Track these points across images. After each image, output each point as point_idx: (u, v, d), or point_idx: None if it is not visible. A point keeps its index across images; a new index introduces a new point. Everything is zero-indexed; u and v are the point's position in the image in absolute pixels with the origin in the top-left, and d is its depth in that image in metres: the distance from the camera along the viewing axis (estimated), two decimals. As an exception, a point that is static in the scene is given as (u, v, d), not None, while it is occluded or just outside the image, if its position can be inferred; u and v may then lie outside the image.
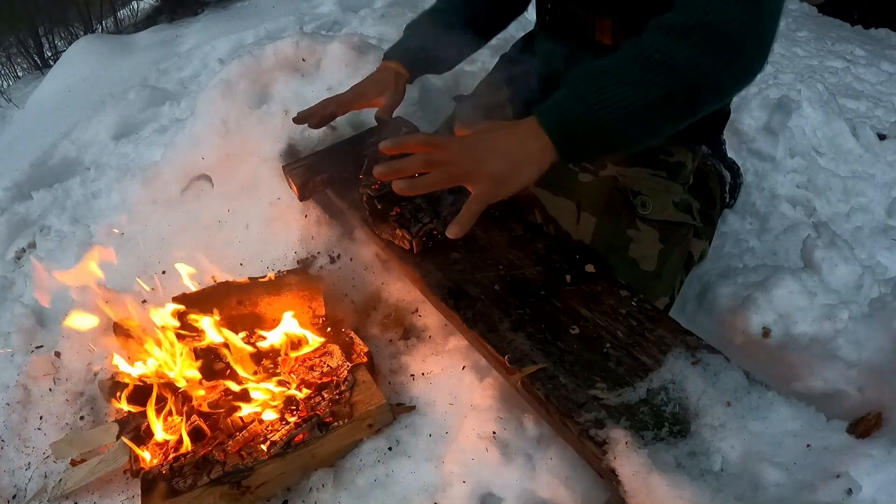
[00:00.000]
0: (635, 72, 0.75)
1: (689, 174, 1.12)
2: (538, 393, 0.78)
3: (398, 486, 0.90)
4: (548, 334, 0.85)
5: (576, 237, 1.02)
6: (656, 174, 1.06)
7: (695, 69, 0.75)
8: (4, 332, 1.34)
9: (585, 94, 0.76)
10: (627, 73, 0.76)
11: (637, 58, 0.76)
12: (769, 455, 0.66)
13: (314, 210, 1.35)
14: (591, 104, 0.75)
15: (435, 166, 0.77)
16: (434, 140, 0.79)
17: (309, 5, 3.39)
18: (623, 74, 0.76)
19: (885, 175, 1.79)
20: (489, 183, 0.77)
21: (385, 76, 1.15)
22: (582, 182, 1.05)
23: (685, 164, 1.09)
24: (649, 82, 0.75)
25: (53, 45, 5.32)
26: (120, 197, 1.67)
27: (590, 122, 0.75)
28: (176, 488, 0.88)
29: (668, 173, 1.07)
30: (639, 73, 0.75)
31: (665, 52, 0.75)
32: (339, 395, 0.98)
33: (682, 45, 0.75)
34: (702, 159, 1.28)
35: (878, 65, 3.06)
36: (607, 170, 1.04)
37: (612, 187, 1.03)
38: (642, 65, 0.75)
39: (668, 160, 1.07)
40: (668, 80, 0.75)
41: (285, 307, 1.13)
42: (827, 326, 0.90)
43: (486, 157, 0.77)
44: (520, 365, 0.81)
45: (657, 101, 0.75)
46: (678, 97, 0.76)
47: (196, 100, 1.71)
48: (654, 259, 1.02)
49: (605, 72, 0.77)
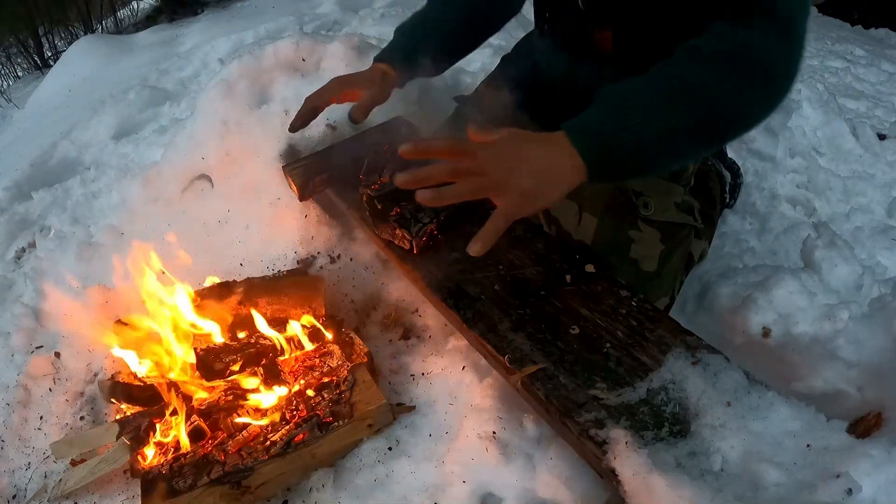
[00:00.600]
0: (673, 99, 0.74)
1: (691, 176, 1.12)
2: (538, 393, 0.78)
3: (398, 486, 0.90)
4: (548, 334, 0.85)
5: (577, 237, 1.02)
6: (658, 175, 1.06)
7: (731, 100, 0.74)
8: (4, 332, 1.34)
9: (622, 117, 0.73)
10: (665, 101, 0.74)
11: (672, 84, 0.75)
12: (769, 455, 0.66)
13: (314, 210, 1.35)
14: (628, 127, 0.72)
15: (462, 175, 0.72)
16: (461, 146, 0.74)
17: (309, 5, 3.39)
18: (661, 101, 0.74)
19: (885, 175, 1.80)
20: (518, 197, 0.72)
21: (372, 73, 1.11)
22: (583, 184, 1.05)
23: (686, 166, 1.09)
24: (685, 112, 0.73)
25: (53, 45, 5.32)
26: (120, 197, 1.67)
27: (626, 145, 0.73)
28: (176, 488, 0.88)
29: (669, 175, 1.07)
30: (676, 100, 0.73)
31: (700, 82, 0.73)
32: (339, 395, 0.98)
33: (717, 75, 0.73)
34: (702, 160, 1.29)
35: (878, 65, 3.06)
36: None
37: (613, 188, 1.03)
38: (678, 92, 0.74)
39: None
40: (704, 110, 0.73)
41: (286, 307, 1.13)
42: (827, 326, 0.90)
43: (516, 168, 0.72)
44: (520, 365, 0.81)
45: (692, 128, 0.74)
46: (711, 126, 0.75)
47: (196, 100, 1.71)
48: (654, 259, 1.02)
49: (641, 94, 0.75)
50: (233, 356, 1.04)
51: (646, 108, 0.74)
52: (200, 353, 1.03)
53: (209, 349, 1.04)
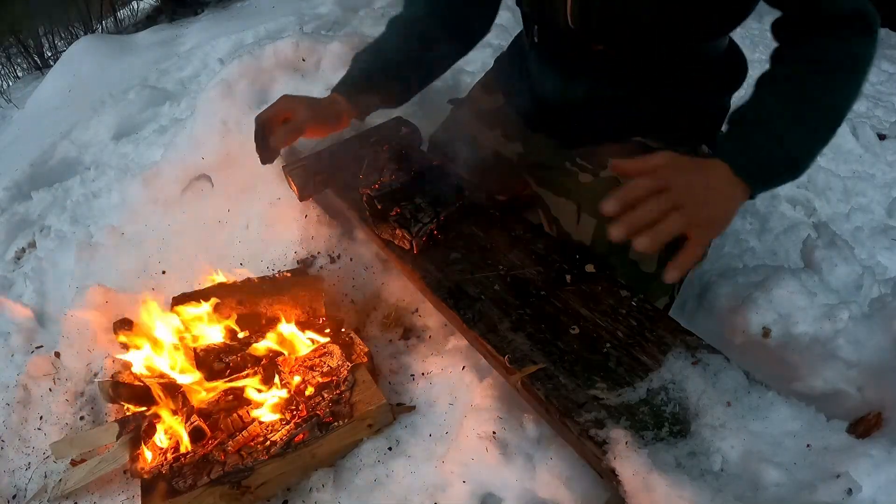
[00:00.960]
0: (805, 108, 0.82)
1: None
2: (538, 393, 0.78)
3: (398, 486, 0.90)
4: (548, 334, 0.85)
5: (576, 238, 1.02)
6: None
7: (843, 99, 0.83)
8: (4, 332, 1.34)
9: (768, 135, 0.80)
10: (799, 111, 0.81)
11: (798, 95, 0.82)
12: (769, 455, 0.66)
13: (314, 210, 1.35)
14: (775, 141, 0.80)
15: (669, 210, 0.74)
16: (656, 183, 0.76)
17: (309, 5, 3.39)
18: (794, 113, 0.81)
19: (885, 175, 1.80)
20: (710, 228, 0.78)
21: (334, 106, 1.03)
22: (582, 183, 1.05)
23: None
24: (816, 117, 0.82)
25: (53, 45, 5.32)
26: (120, 197, 1.67)
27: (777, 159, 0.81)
28: (176, 488, 0.89)
29: None
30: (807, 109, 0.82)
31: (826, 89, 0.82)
32: (339, 395, 0.98)
33: (836, 81, 0.83)
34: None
35: (878, 65, 3.06)
36: (608, 171, 1.04)
37: (612, 189, 1.02)
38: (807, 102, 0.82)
39: None
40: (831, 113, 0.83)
41: (286, 307, 1.13)
42: (827, 326, 0.90)
43: (704, 200, 0.77)
44: (520, 365, 0.81)
45: (822, 129, 0.83)
46: (835, 123, 0.84)
47: (196, 100, 1.71)
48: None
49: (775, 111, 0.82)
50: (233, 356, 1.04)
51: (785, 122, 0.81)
52: (200, 354, 1.03)
53: (209, 349, 1.04)
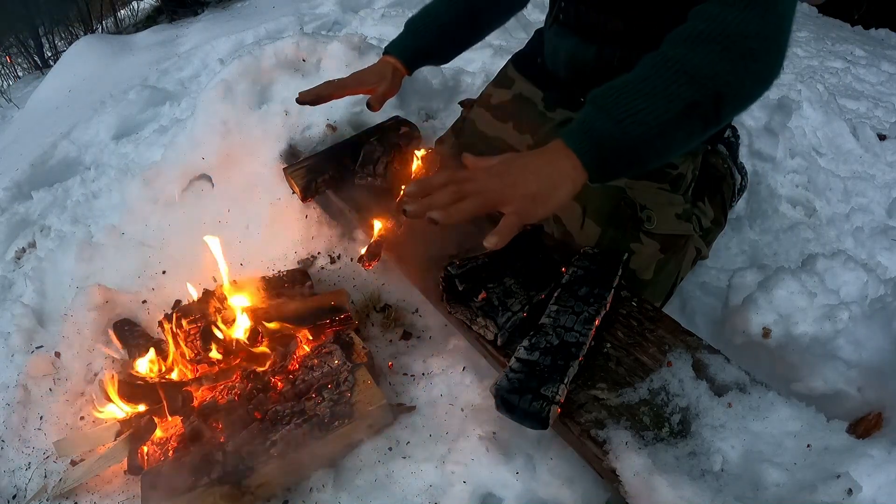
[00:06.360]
0: (658, 84, 0.75)
1: (691, 183, 1.13)
2: (538, 393, 0.78)
3: (398, 487, 0.90)
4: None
5: (579, 241, 1.03)
6: (661, 187, 1.06)
7: (715, 77, 0.74)
8: (4, 332, 1.34)
9: (611, 110, 0.75)
10: (651, 86, 0.75)
11: (658, 70, 0.76)
12: (769, 455, 0.66)
13: (314, 210, 1.35)
14: (618, 120, 0.74)
15: (467, 196, 0.75)
16: (459, 175, 0.77)
17: (309, 5, 3.39)
18: (647, 87, 0.75)
19: (885, 175, 1.80)
20: (525, 202, 0.75)
21: (383, 68, 1.19)
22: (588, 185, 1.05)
23: (686, 175, 1.10)
24: (673, 94, 0.74)
25: (53, 45, 5.32)
26: (120, 197, 1.67)
27: (618, 138, 0.75)
28: (176, 488, 0.88)
29: (670, 185, 1.07)
30: (662, 85, 0.75)
31: (685, 63, 0.75)
32: (339, 395, 0.98)
33: (701, 54, 0.75)
34: (720, 161, 1.29)
35: (878, 65, 3.06)
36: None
37: (619, 199, 1.03)
38: (664, 77, 0.75)
39: (671, 172, 1.08)
40: (690, 91, 0.74)
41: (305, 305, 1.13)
42: (827, 327, 0.90)
43: (519, 180, 0.76)
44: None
45: (683, 112, 0.75)
46: (702, 107, 0.75)
47: (196, 100, 1.70)
48: (651, 269, 1.03)
49: (628, 86, 0.76)
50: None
51: (637, 98, 0.75)
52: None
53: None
